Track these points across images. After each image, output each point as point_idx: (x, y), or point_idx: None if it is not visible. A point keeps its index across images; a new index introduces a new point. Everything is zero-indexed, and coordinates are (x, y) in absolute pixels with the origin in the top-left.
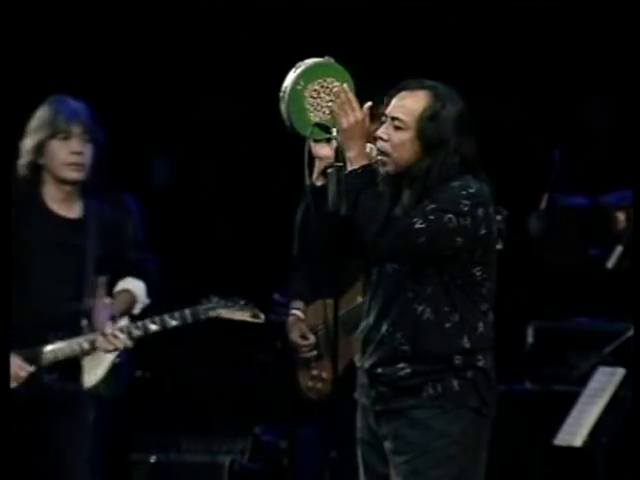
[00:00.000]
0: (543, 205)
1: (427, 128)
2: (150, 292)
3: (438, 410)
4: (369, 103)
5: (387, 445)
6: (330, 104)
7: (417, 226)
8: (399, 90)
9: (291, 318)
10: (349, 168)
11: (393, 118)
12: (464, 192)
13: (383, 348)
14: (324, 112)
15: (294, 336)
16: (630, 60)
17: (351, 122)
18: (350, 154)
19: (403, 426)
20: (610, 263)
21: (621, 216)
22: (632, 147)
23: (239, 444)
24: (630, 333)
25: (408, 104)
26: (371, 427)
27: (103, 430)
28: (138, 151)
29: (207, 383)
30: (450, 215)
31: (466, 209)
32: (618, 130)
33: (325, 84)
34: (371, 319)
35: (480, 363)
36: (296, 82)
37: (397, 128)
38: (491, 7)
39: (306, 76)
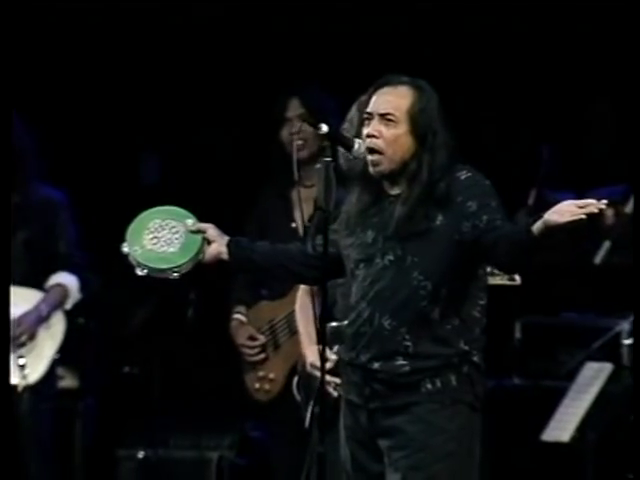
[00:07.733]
0: (531, 201)
1: (419, 121)
2: (82, 288)
3: (437, 405)
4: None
5: (383, 442)
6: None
7: (498, 222)
8: (379, 86)
9: (234, 323)
10: None
11: (383, 114)
12: (486, 182)
13: (383, 342)
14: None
15: (241, 339)
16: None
17: None
18: None
19: (402, 422)
20: (598, 259)
21: (609, 212)
22: (632, 146)
23: (227, 440)
24: (618, 329)
25: (395, 99)
26: (362, 425)
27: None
28: (127, 148)
29: (195, 379)
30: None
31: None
32: (619, 129)
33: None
34: (364, 312)
35: (475, 358)
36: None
37: (388, 124)
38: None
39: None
